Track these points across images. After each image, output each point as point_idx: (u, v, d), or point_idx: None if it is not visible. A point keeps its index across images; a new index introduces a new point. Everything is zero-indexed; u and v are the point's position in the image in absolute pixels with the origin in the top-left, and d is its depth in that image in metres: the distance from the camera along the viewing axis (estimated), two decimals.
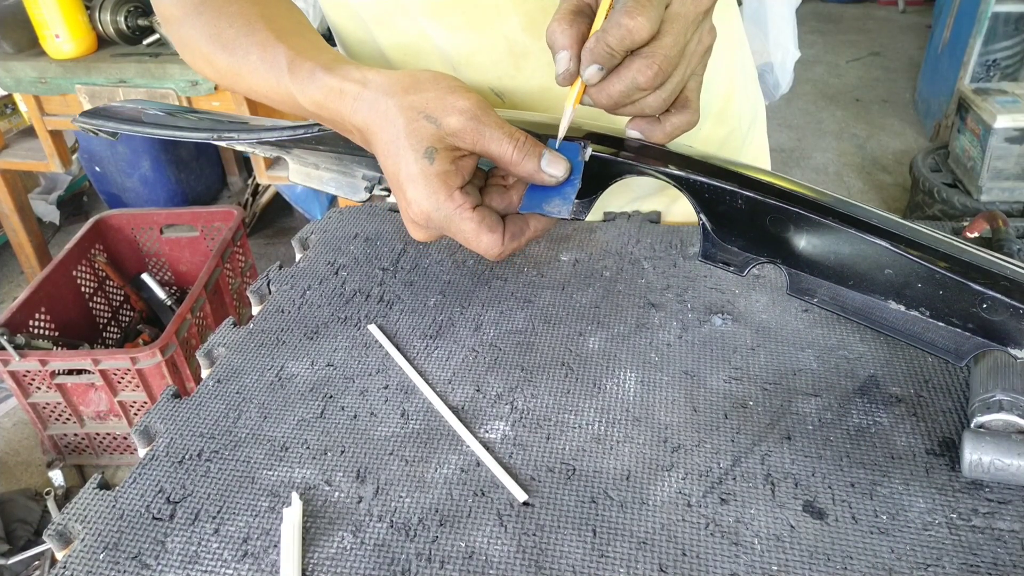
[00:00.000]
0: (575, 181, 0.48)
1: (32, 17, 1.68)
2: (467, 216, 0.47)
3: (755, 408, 0.52)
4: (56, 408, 1.61)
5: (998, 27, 2.49)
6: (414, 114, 0.47)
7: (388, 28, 0.66)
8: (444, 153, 0.46)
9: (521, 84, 0.66)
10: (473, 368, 0.57)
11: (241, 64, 0.56)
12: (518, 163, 0.47)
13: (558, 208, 0.48)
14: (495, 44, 0.64)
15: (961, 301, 0.42)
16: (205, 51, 0.59)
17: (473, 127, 0.46)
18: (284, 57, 0.53)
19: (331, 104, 0.51)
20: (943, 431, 0.49)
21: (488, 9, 0.62)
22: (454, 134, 0.46)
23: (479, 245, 0.48)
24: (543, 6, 0.62)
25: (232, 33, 0.57)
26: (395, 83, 0.48)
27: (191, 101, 1.68)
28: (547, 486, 0.47)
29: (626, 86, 0.43)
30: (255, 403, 0.55)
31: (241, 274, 1.94)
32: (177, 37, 0.62)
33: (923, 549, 0.42)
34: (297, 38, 0.56)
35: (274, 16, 0.58)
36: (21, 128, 2.13)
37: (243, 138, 0.58)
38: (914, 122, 3.19)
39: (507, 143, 0.47)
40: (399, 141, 0.47)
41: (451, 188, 0.46)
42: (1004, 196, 2.13)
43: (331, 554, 0.44)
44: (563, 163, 0.48)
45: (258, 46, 0.55)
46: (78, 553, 0.46)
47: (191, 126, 0.59)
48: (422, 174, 0.46)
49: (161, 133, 0.59)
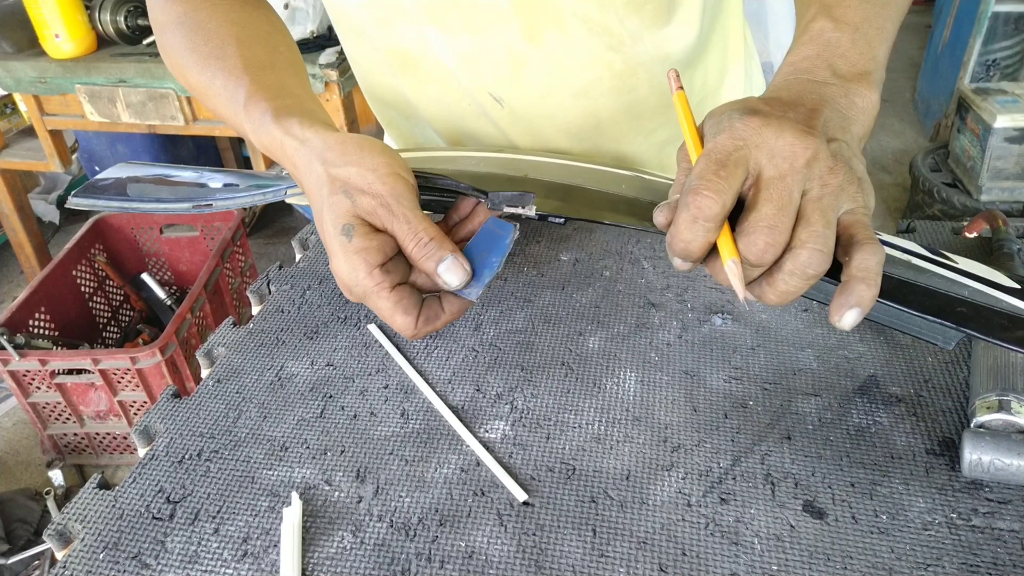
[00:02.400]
0: (494, 265, 0.48)
1: (32, 17, 1.68)
2: (384, 296, 0.46)
3: (755, 408, 0.52)
4: (56, 408, 1.61)
5: (998, 27, 2.49)
6: (335, 187, 0.47)
7: (386, 33, 0.66)
8: (361, 230, 0.46)
9: (520, 90, 0.66)
10: (473, 368, 0.57)
11: (208, 85, 0.57)
12: (417, 259, 0.47)
13: (468, 291, 0.48)
14: (494, 50, 0.64)
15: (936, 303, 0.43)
16: (181, 63, 0.59)
17: (383, 213, 0.46)
18: (243, 92, 0.53)
19: (275, 152, 0.52)
20: (943, 431, 0.49)
21: (488, 15, 0.62)
22: (366, 213, 0.46)
23: (394, 324, 0.47)
24: (544, 15, 0.62)
25: (206, 51, 0.57)
26: (327, 149, 0.48)
27: (191, 101, 1.68)
28: (547, 486, 0.47)
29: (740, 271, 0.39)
30: (255, 403, 0.55)
31: (241, 274, 1.94)
32: (161, 43, 0.63)
33: (923, 549, 0.42)
34: (263, 72, 0.55)
35: (249, 41, 0.58)
36: (21, 128, 2.13)
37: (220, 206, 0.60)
38: (914, 122, 3.19)
39: (410, 238, 0.46)
40: (323, 212, 0.47)
41: (370, 266, 0.46)
42: (1004, 196, 2.13)
43: (331, 554, 0.44)
44: (461, 272, 0.47)
45: (224, 72, 0.56)
46: (78, 553, 0.46)
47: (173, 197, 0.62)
48: (342, 249, 0.46)
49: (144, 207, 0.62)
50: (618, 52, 0.65)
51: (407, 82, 0.70)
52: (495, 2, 0.61)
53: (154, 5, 0.63)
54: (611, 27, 0.63)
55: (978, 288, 0.44)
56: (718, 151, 0.38)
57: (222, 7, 0.60)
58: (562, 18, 0.62)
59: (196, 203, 0.60)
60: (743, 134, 0.38)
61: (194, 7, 0.60)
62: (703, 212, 0.37)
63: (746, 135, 0.38)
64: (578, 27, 0.62)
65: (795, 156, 0.37)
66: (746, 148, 0.38)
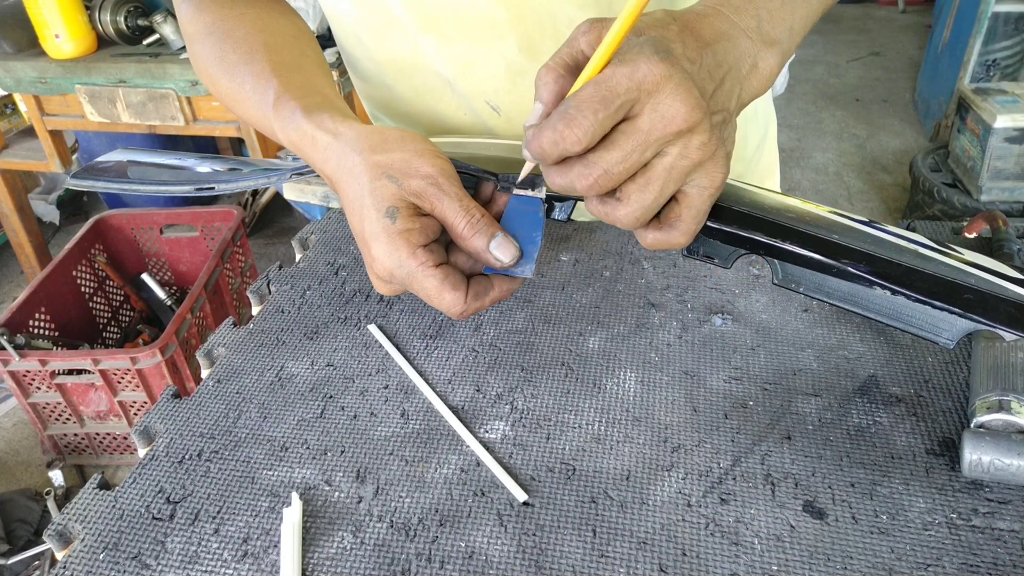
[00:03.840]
0: (536, 240, 0.49)
1: (32, 17, 1.68)
2: (429, 274, 0.46)
3: (755, 408, 0.52)
4: (56, 408, 1.61)
5: (998, 27, 2.49)
6: (378, 172, 0.47)
7: (382, 43, 0.66)
8: (406, 212, 0.46)
9: (517, 100, 0.66)
10: (473, 368, 0.57)
11: (238, 90, 0.57)
12: (467, 238, 0.47)
13: (521, 269, 0.48)
14: (491, 60, 0.64)
15: (944, 289, 0.43)
16: (211, 72, 0.60)
17: (433, 192, 0.46)
18: (273, 92, 0.54)
19: (304, 148, 0.52)
20: (943, 431, 0.49)
21: (484, 26, 0.62)
22: (415, 195, 0.46)
23: (441, 303, 0.47)
24: (541, 28, 0.61)
25: (234, 59, 0.58)
26: (363, 139, 0.48)
27: (191, 101, 1.69)
28: (547, 486, 0.47)
29: (566, 184, 0.41)
30: (255, 403, 0.55)
31: (241, 274, 1.94)
32: (192, 53, 0.64)
33: (923, 549, 0.42)
34: (292, 73, 0.56)
35: (277, 47, 0.59)
36: (21, 128, 2.13)
37: (222, 188, 0.60)
38: (914, 122, 3.19)
39: (461, 216, 0.47)
40: (363, 199, 0.47)
41: (413, 246, 0.46)
42: (1004, 196, 2.13)
43: (331, 554, 0.44)
44: (512, 249, 0.47)
45: (253, 76, 0.56)
46: (78, 553, 0.46)
47: (175, 180, 0.62)
48: (384, 231, 0.46)
49: (146, 189, 0.62)
50: None
51: (403, 90, 0.70)
52: (491, 16, 0.61)
53: (184, 17, 0.64)
54: None
55: (984, 277, 0.44)
56: (611, 87, 0.38)
57: (249, 15, 0.61)
58: (559, 31, 0.62)
59: (198, 186, 0.60)
60: (642, 80, 0.38)
61: (222, 16, 0.61)
62: (565, 142, 0.39)
63: (643, 80, 0.38)
64: None
65: (673, 121, 0.38)
66: (637, 95, 0.38)
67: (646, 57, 0.38)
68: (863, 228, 0.47)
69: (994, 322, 0.42)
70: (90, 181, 0.63)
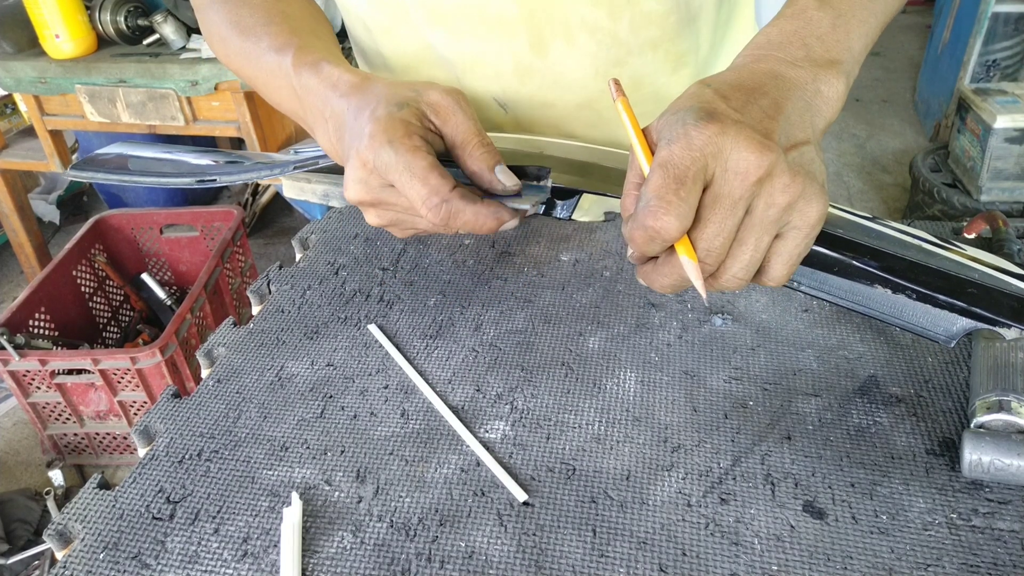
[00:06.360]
0: (543, 188, 0.49)
1: (32, 17, 1.68)
2: (420, 156, 0.44)
3: (755, 408, 0.52)
4: (56, 408, 1.61)
5: (998, 27, 2.49)
6: (399, 88, 0.48)
7: (392, 38, 0.67)
8: (414, 112, 0.46)
9: (525, 97, 0.67)
10: (473, 368, 0.57)
11: (253, 48, 0.58)
12: (477, 155, 0.46)
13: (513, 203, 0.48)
14: (500, 56, 0.64)
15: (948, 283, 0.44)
16: (223, 34, 0.61)
17: (450, 105, 0.47)
18: (293, 48, 0.54)
19: (322, 88, 0.50)
20: (943, 431, 0.49)
21: (494, 23, 0.62)
22: (431, 105, 0.47)
23: (426, 184, 0.44)
24: (552, 26, 0.62)
25: (251, 21, 0.59)
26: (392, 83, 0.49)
27: (191, 101, 1.68)
28: (547, 486, 0.47)
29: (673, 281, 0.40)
30: (255, 403, 0.55)
31: (241, 274, 1.94)
32: (202, 19, 0.64)
33: (923, 549, 0.42)
34: (311, 37, 0.57)
35: (293, 14, 0.60)
36: (21, 128, 2.13)
37: (224, 180, 0.60)
38: (914, 122, 3.19)
39: (474, 132, 0.47)
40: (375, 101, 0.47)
41: (411, 131, 0.45)
42: (1004, 196, 2.13)
43: (331, 554, 0.44)
44: (514, 178, 0.47)
45: (270, 36, 0.57)
46: (78, 553, 0.46)
47: (175, 172, 0.62)
48: (387, 116, 0.45)
49: (146, 181, 0.62)
50: (624, 66, 0.65)
51: None
52: (503, 12, 0.61)
53: None
54: (621, 37, 0.63)
55: (987, 272, 0.44)
56: (675, 165, 0.37)
57: None
58: (570, 29, 0.62)
59: (200, 178, 0.60)
60: (699, 145, 0.37)
61: None
62: (662, 234, 0.37)
63: (703, 146, 0.37)
64: (586, 40, 0.62)
65: (748, 174, 0.37)
66: (703, 159, 0.37)
67: (692, 124, 0.37)
68: (867, 223, 0.47)
69: (998, 316, 0.42)
70: (90, 172, 0.62)
